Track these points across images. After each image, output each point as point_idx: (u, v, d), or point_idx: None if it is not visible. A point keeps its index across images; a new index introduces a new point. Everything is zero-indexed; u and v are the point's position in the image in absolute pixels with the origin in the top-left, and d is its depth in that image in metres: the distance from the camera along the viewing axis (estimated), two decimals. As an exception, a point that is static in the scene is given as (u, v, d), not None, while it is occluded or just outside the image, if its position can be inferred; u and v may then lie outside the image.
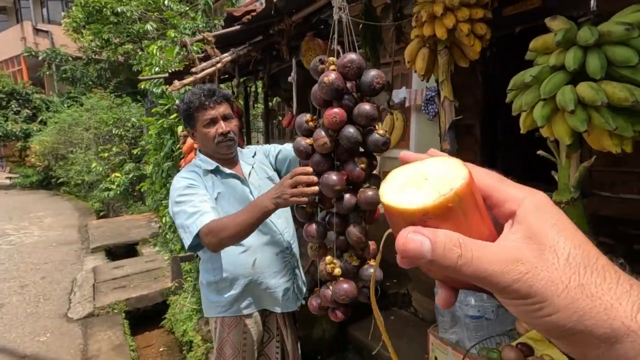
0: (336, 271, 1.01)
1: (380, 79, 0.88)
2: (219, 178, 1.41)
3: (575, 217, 1.05)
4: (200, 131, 1.37)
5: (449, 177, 0.28)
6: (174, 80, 3.32)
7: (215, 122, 1.36)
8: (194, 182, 1.34)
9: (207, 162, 1.42)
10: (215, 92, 1.36)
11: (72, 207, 8.40)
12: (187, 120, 1.41)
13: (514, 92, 1.07)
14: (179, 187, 1.32)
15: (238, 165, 1.49)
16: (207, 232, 1.20)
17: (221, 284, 1.42)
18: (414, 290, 2.85)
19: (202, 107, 1.34)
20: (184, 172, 1.39)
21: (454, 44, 1.31)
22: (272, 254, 1.46)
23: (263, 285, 1.44)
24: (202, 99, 1.34)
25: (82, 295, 3.80)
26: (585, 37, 0.88)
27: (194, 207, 1.25)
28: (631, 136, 0.87)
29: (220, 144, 1.37)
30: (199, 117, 1.35)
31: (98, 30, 8.19)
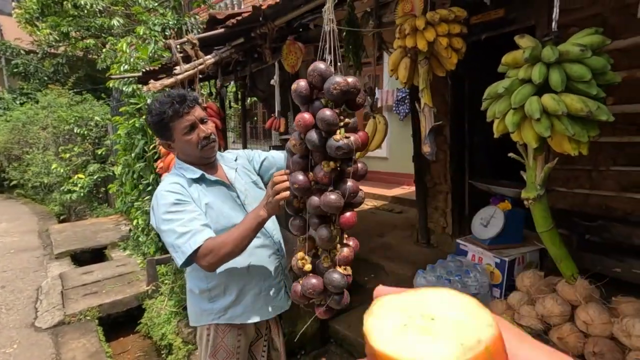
0: (306, 267, 1.06)
1: (338, 85, 0.91)
2: (204, 186, 1.35)
3: (542, 211, 1.19)
4: (180, 140, 1.31)
5: (469, 322, 0.22)
6: (147, 79, 3.26)
7: (194, 127, 1.30)
8: (181, 197, 1.26)
9: (190, 170, 1.34)
10: (186, 97, 1.29)
11: (30, 211, 7.88)
12: (160, 132, 1.32)
13: (488, 101, 1.20)
14: (166, 203, 1.24)
15: (220, 169, 1.45)
16: (207, 252, 1.17)
17: (214, 290, 1.38)
18: (392, 283, 2.99)
19: (177, 115, 1.27)
20: (167, 185, 1.29)
21: (432, 55, 1.43)
22: (265, 256, 1.44)
23: (257, 289, 1.42)
24: (175, 107, 1.26)
25: (49, 303, 3.62)
26: (548, 55, 1.02)
27: (184, 227, 1.20)
28: (586, 141, 1.02)
29: (205, 148, 1.32)
30: (176, 127, 1.28)
31: (56, 24, 7.72)
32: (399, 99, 6.22)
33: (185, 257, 1.17)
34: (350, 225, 1.02)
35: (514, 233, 2.11)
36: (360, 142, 0.98)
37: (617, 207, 2.34)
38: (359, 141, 0.98)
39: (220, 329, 1.41)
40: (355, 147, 0.96)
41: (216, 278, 1.36)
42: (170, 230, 1.20)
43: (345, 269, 1.05)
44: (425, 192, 3.57)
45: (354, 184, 0.99)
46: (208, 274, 1.35)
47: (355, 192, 0.99)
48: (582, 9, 2.14)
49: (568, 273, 1.42)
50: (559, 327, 1.51)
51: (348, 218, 1.01)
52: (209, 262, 1.17)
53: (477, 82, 3.17)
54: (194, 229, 1.19)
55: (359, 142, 0.97)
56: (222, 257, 1.18)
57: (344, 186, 0.98)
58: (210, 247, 1.17)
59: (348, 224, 1.02)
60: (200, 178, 1.35)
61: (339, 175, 1.01)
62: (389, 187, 6.37)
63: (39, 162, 7.73)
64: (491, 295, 2.01)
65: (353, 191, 0.98)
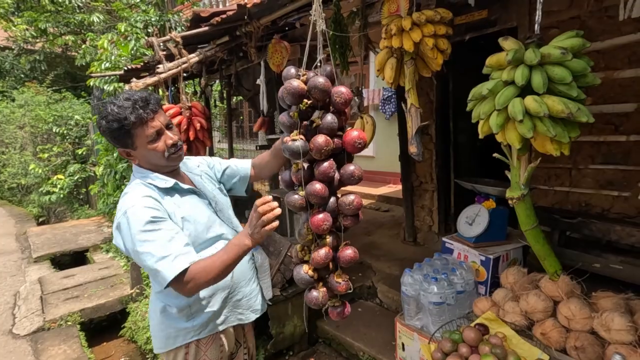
0: (306, 257, 1.10)
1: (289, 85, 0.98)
2: (177, 197, 1.25)
3: (526, 210, 1.22)
4: (144, 149, 1.18)
5: None
6: (129, 77, 3.18)
7: (160, 134, 1.19)
8: (157, 214, 1.13)
9: (160, 179, 1.23)
10: (149, 100, 1.17)
11: (6, 213, 7.59)
12: (119, 139, 1.18)
13: (473, 102, 1.22)
14: (140, 221, 1.10)
15: (185, 176, 1.35)
16: (189, 279, 1.08)
17: (195, 306, 1.27)
18: (379, 282, 3.02)
19: (141, 121, 1.14)
20: (139, 199, 1.15)
21: (418, 55, 1.44)
22: (245, 261, 1.39)
23: (239, 295, 1.38)
24: (138, 112, 1.13)
25: (28, 308, 3.50)
26: (530, 58, 1.04)
27: (164, 249, 1.09)
28: (568, 142, 1.04)
29: (173, 157, 1.22)
30: (140, 134, 1.15)
31: (33, 19, 7.44)
32: (385, 98, 6.26)
33: (166, 283, 1.07)
34: (317, 228, 1.01)
35: (498, 231, 2.14)
36: (318, 144, 0.96)
37: (595, 204, 2.42)
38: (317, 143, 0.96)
39: (202, 343, 1.31)
40: (303, 150, 0.96)
41: (201, 292, 1.26)
42: (148, 253, 1.08)
43: (313, 271, 1.06)
44: (411, 190, 3.60)
45: (320, 188, 0.98)
46: None
47: (316, 194, 0.98)
48: (562, 12, 2.20)
49: (551, 270, 1.46)
50: (542, 323, 1.55)
51: (316, 221, 1.00)
52: (189, 289, 1.09)
53: (461, 82, 3.24)
54: (174, 251, 1.09)
55: (316, 144, 0.96)
56: (203, 285, 1.11)
57: (309, 187, 0.99)
58: (192, 275, 1.08)
59: (315, 225, 1.01)
60: (172, 188, 1.24)
61: (311, 176, 1.02)
62: (376, 185, 6.41)
63: (15, 163, 7.47)
64: (477, 292, 2.04)
65: (313, 192, 0.98)
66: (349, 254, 1.06)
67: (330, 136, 1.00)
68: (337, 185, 1.07)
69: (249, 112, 8.20)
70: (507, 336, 1.54)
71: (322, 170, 0.99)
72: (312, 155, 0.99)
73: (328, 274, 1.11)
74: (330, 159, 1.01)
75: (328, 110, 1.03)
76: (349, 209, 1.02)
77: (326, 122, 0.99)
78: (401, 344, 2.07)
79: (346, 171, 1.01)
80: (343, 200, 1.03)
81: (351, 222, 1.06)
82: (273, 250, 2.73)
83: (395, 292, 2.78)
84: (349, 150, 1.02)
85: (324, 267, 1.07)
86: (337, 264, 1.08)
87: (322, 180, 1.00)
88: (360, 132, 0.98)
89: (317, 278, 1.08)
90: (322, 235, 1.06)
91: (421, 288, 1.94)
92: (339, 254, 1.07)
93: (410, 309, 2.01)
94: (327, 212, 1.03)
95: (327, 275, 1.11)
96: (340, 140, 1.02)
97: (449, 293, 1.89)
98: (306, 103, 1.00)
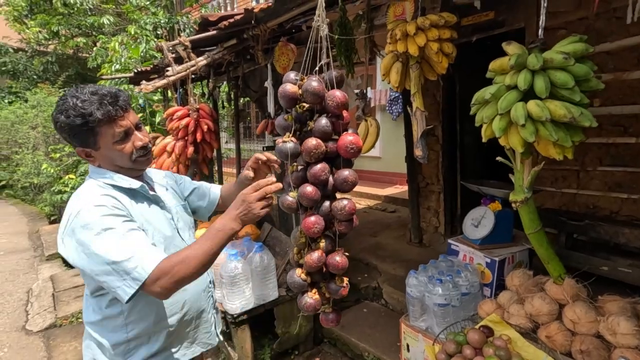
0: (301, 260, 1.11)
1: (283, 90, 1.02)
2: (141, 203, 1.11)
3: (529, 214, 1.22)
4: (108, 149, 1.05)
5: None
6: (139, 80, 3.24)
7: (129, 134, 1.06)
8: (117, 213, 1.00)
9: (123, 179, 1.08)
10: (119, 96, 1.04)
11: (19, 212, 7.76)
12: (80, 137, 1.03)
13: (476, 106, 1.23)
14: (95, 219, 0.95)
15: (148, 184, 1.20)
16: (159, 274, 0.92)
17: (135, 341, 1.09)
18: (384, 283, 3.03)
19: (108, 119, 1.01)
20: (95, 198, 1.00)
21: (423, 59, 1.45)
22: (200, 290, 1.23)
23: (187, 329, 1.20)
24: (107, 108, 1.00)
25: (40, 305, 3.58)
26: (533, 62, 1.05)
27: (130, 246, 0.94)
28: (570, 146, 1.05)
29: (140, 160, 1.09)
30: (105, 132, 1.02)
31: (45, 22, 7.60)
32: (391, 99, 6.26)
33: (138, 285, 0.91)
34: (307, 230, 1.01)
35: (504, 233, 2.14)
36: (308, 147, 0.97)
37: (603, 207, 2.40)
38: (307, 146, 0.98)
39: None
40: (293, 152, 0.99)
41: (142, 323, 1.08)
42: (110, 252, 0.92)
43: (306, 273, 1.07)
44: (417, 192, 3.60)
45: (311, 190, 1.00)
46: (131, 321, 1.08)
47: (307, 196, 0.99)
48: (569, 13, 2.18)
49: (555, 274, 1.46)
50: (547, 326, 1.55)
51: (307, 223, 1.01)
52: (163, 286, 0.92)
53: (468, 83, 3.22)
54: (142, 248, 0.95)
55: (306, 147, 0.98)
56: (181, 280, 0.94)
57: (301, 189, 1.01)
58: (169, 267, 0.93)
59: (305, 228, 1.01)
60: (137, 191, 1.10)
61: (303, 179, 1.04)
62: (382, 186, 6.41)
63: (28, 162, 7.62)
64: (482, 294, 2.04)
65: (303, 194, 1.00)
66: (337, 261, 1.04)
67: (324, 140, 1.01)
68: (332, 189, 1.06)
69: (256, 113, 8.25)
70: (511, 339, 1.54)
71: (313, 173, 1.00)
72: (303, 158, 1.01)
73: (322, 279, 1.11)
74: (323, 162, 1.01)
75: (325, 114, 1.04)
76: (342, 214, 1.01)
77: (319, 125, 1.00)
78: (406, 345, 2.08)
79: (340, 176, 1.01)
80: (335, 205, 1.02)
81: (345, 227, 1.04)
82: (279, 251, 2.76)
83: (400, 293, 2.79)
84: (343, 155, 1.01)
85: (317, 272, 1.08)
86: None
87: (314, 183, 1.01)
88: (356, 137, 0.99)
89: (311, 282, 1.09)
90: (315, 239, 1.06)
91: (426, 290, 1.94)
92: (327, 260, 1.06)
93: (415, 311, 2.02)
94: (319, 215, 1.04)
95: (321, 280, 1.11)
96: (336, 144, 1.02)
97: (454, 295, 1.89)
98: (303, 106, 1.01)
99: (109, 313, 1.07)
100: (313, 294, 1.07)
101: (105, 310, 1.07)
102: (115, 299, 1.04)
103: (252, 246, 2.38)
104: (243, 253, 2.37)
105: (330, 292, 1.08)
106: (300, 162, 1.07)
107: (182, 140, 2.55)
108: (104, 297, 1.06)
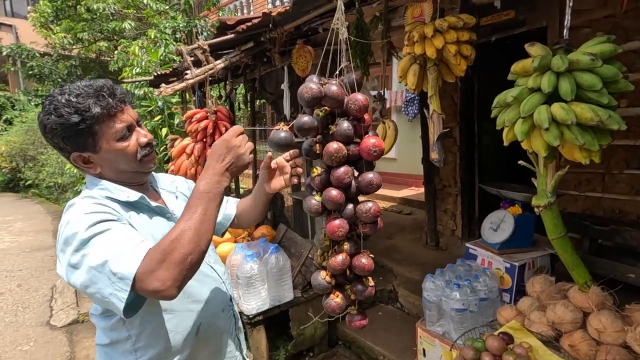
0: (324, 263, 1.09)
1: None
2: (141, 215, 0.97)
3: (553, 219, 1.19)
4: (110, 150, 0.92)
5: None
6: (158, 83, 3.31)
7: (131, 130, 0.95)
8: (107, 217, 0.86)
9: (120, 190, 0.95)
10: (116, 88, 0.93)
11: (44, 210, 8.06)
12: (75, 139, 0.89)
13: (497, 109, 1.20)
14: (83, 225, 0.82)
15: (154, 192, 1.09)
16: (150, 264, 0.74)
17: None
18: (400, 286, 3.00)
19: (108, 114, 0.89)
20: (87, 206, 0.87)
21: (441, 61, 1.43)
22: (218, 311, 1.09)
23: (204, 354, 1.06)
24: (107, 100, 0.88)
25: (64, 301, 3.71)
26: (558, 64, 1.02)
27: (118, 244, 0.79)
28: (597, 150, 1.01)
29: (146, 160, 0.97)
30: (106, 130, 0.90)
31: (70, 27, 7.88)
32: (407, 100, 6.20)
33: (128, 285, 0.74)
34: (332, 234, 1.00)
35: (524, 237, 2.09)
36: (329, 151, 0.96)
37: (630, 211, 2.31)
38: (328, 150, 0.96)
39: None
40: (284, 142, 0.98)
41: (151, 349, 0.97)
42: (94, 256, 0.78)
43: (330, 275, 1.06)
44: (434, 194, 3.56)
45: (336, 194, 0.98)
46: (142, 346, 0.96)
47: (332, 200, 0.99)
48: (594, 11, 2.11)
49: (581, 281, 1.41)
50: (571, 334, 1.50)
51: (332, 227, 1.00)
52: (161, 277, 0.73)
53: (487, 84, 3.17)
54: (128, 245, 0.80)
55: (327, 151, 0.97)
56: (181, 261, 0.74)
57: (326, 193, 1.00)
58: (156, 255, 0.75)
59: (330, 231, 1.00)
60: (137, 203, 0.96)
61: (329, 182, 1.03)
62: (398, 188, 6.35)
63: (53, 163, 7.91)
64: (501, 300, 2.00)
65: (328, 198, 0.99)
66: (362, 263, 1.04)
67: (347, 143, 1.01)
68: (356, 192, 1.07)
69: (272, 115, 8.32)
70: (532, 347, 1.50)
71: (337, 177, 1.00)
72: (325, 162, 1.01)
73: (345, 280, 1.12)
74: (346, 166, 1.00)
75: (347, 117, 1.04)
76: (367, 216, 1.02)
77: (341, 129, 1.00)
78: (422, 349, 2.06)
79: (364, 179, 1.02)
80: (360, 208, 1.02)
81: (369, 229, 1.05)
82: (294, 252, 2.77)
83: (416, 297, 2.76)
84: (365, 158, 1.01)
85: (341, 274, 1.08)
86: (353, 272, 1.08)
87: (338, 187, 1.02)
88: (378, 139, 0.99)
89: (335, 284, 1.09)
90: (339, 241, 1.07)
91: (443, 294, 1.92)
92: (353, 262, 1.06)
93: (432, 315, 1.99)
94: (343, 218, 1.04)
95: (344, 281, 1.12)
96: (357, 147, 1.02)
97: (472, 300, 1.86)
98: (324, 110, 1.02)
99: (116, 337, 0.96)
100: (336, 296, 1.07)
101: (111, 333, 0.96)
102: (120, 321, 0.93)
103: (267, 247, 2.40)
104: (259, 254, 2.39)
105: (357, 294, 1.08)
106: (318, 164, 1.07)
107: (201, 142, 2.60)
108: (108, 319, 0.95)
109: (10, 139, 9.44)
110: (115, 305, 0.77)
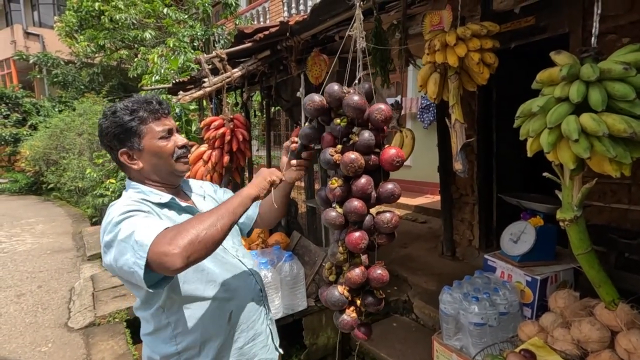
0: (331, 277, 1.09)
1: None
2: (174, 214, 1.11)
3: (579, 233, 1.14)
4: (152, 146, 1.07)
5: None
6: (177, 90, 3.37)
7: (171, 133, 1.12)
8: (140, 208, 1.01)
9: (154, 193, 1.10)
10: (162, 102, 1.12)
11: (65, 213, 8.29)
12: (124, 137, 1.06)
13: (521, 119, 1.17)
14: (116, 214, 0.97)
15: (184, 195, 1.23)
16: (168, 234, 0.86)
17: (185, 354, 1.09)
18: (415, 297, 2.94)
19: (154, 116, 1.08)
20: (127, 201, 1.03)
21: (462, 69, 1.41)
22: (248, 299, 1.19)
23: (239, 343, 1.16)
24: (154, 106, 1.08)
25: (81, 304, 3.78)
26: (588, 73, 0.98)
27: (144, 222, 0.92)
28: (629, 162, 0.97)
29: (181, 160, 1.12)
30: (150, 130, 1.07)
31: (93, 36, 8.16)
32: (423, 107, 6.14)
33: (145, 250, 0.84)
34: (355, 246, 0.97)
35: (546, 250, 2.02)
36: (345, 161, 0.95)
37: (660, 225, 2.20)
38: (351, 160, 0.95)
39: None
40: (341, 164, 0.97)
41: (189, 335, 1.08)
42: (127, 228, 0.91)
43: (348, 290, 1.03)
44: (450, 203, 3.49)
45: (359, 205, 0.96)
46: (180, 333, 1.08)
47: (356, 211, 0.96)
48: (620, 16, 2.05)
49: (608, 299, 1.35)
50: (598, 354, 1.43)
51: (354, 239, 0.97)
52: (172, 243, 0.83)
53: (505, 91, 3.11)
54: (160, 223, 0.94)
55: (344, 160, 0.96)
56: (197, 240, 0.84)
57: (348, 204, 0.98)
58: (175, 228, 0.88)
59: (352, 244, 0.98)
60: (168, 204, 1.10)
61: (348, 193, 1.01)
62: (413, 196, 6.28)
63: (74, 167, 8.13)
64: (521, 315, 1.93)
65: (352, 210, 0.97)
66: (379, 275, 1.02)
67: (367, 153, 0.99)
68: (374, 202, 1.05)
69: (286, 121, 8.37)
70: (557, 366, 1.43)
71: (360, 187, 0.98)
72: (342, 171, 0.99)
73: (357, 294, 1.09)
74: (367, 176, 0.99)
75: (366, 126, 1.02)
76: (387, 227, 1.00)
77: (363, 139, 0.99)
78: (439, 364, 2.00)
79: (385, 190, 1.00)
80: (380, 219, 1.00)
81: (386, 240, 1.03)
82: (308, 260, 2.76)
83: (432, 309, 2.69)
84: (387, 168, 1.00)
85: (359, 287, 1.05)
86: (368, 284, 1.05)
87: (361, 197, 1.00)
88: (398, 149, 0.97)
89: (350, 299, 1.06)
90: (355, 254, 1.05)
91: (461, 307, 1.86)
92: (370, 274, 1.03)
93: (449, 329, 1.93)
94: (363, 230, 1.02)
95: (356, 295, 1.09)
96: (377, 157, 1.01)
97: (491, 314, 1.80)
98: (344, 120, 1.01)
99: (157, 324, 1.09)
100: (352, 311, 1.04)
101: (153, 321, 1.09)
102: (159, 309, 1.06)
103: (281, 255, 2.39)
104: (273, 262, 2.38)
105: (368, 306, 1.06)
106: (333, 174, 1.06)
107: (218, 149, 2.62)
108: (149, 308, 1.08)
109: (34, 144, 9.76)
110: (138, 274, 0.86)
